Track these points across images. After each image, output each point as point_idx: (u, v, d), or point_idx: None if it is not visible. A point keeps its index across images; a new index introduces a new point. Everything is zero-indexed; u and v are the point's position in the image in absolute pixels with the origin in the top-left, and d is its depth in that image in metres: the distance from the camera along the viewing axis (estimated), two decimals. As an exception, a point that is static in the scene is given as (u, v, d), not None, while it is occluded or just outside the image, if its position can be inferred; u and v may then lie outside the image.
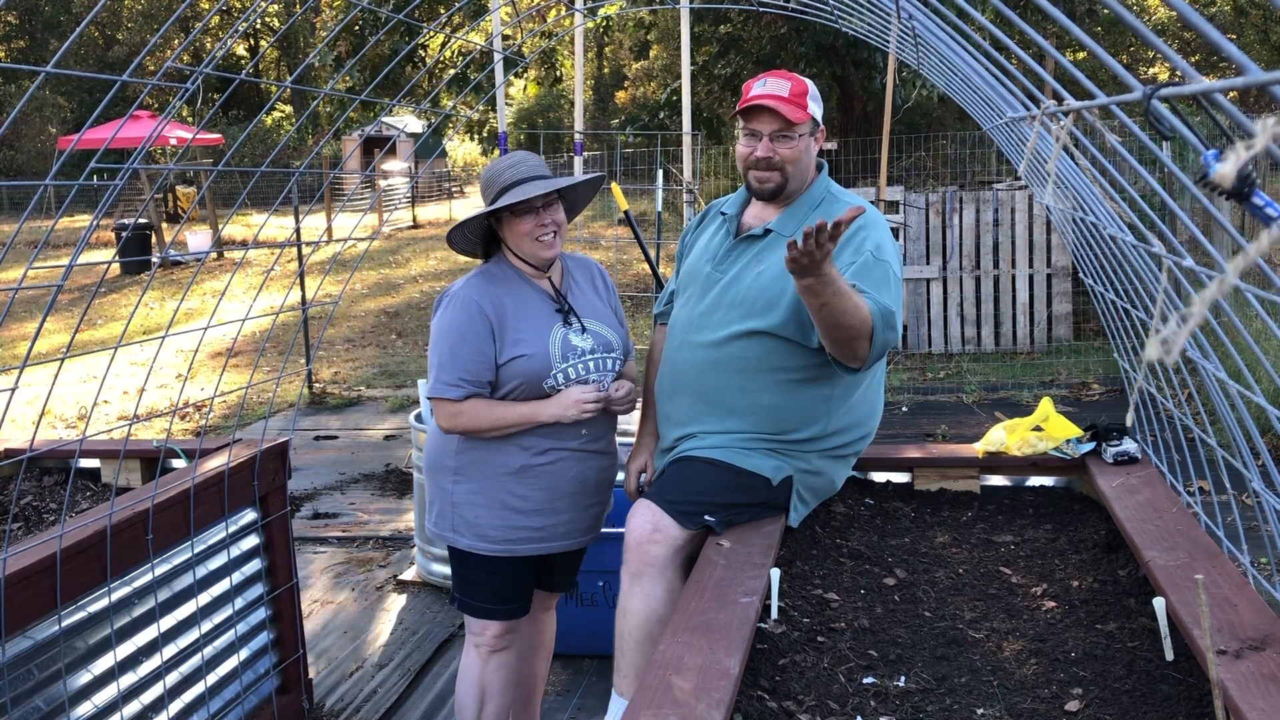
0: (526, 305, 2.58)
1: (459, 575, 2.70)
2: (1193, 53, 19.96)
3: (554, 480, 2.59)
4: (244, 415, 7.29)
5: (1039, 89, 6.92)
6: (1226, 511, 3.71)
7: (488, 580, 2.64)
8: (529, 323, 2.55)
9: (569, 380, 2.57)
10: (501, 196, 2.50)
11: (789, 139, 2.46)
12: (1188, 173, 6.15)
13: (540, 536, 2.62)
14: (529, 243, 2.55)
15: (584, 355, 2.59)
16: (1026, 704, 1.82)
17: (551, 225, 2.55)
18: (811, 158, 2.54)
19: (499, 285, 2.59)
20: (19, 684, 2.27)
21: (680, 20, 6.31)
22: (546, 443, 2.57)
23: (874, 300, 2.26)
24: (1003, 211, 8.59)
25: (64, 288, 1.89)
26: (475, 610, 2.69)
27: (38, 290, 12.61)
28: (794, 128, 2.45)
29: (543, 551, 2.65)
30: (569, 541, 2.68)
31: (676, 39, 8.80)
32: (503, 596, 2.67)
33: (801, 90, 2.47)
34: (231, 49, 31.38)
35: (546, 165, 2.60)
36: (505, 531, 2.59)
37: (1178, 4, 0.92)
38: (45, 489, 3.19)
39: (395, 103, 3.54)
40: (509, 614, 2.69)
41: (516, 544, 2.60)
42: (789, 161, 2.48)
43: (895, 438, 6.16)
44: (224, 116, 29.18)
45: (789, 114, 2.43)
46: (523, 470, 2.57)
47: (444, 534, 2.67)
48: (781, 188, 2.52)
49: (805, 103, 2.47)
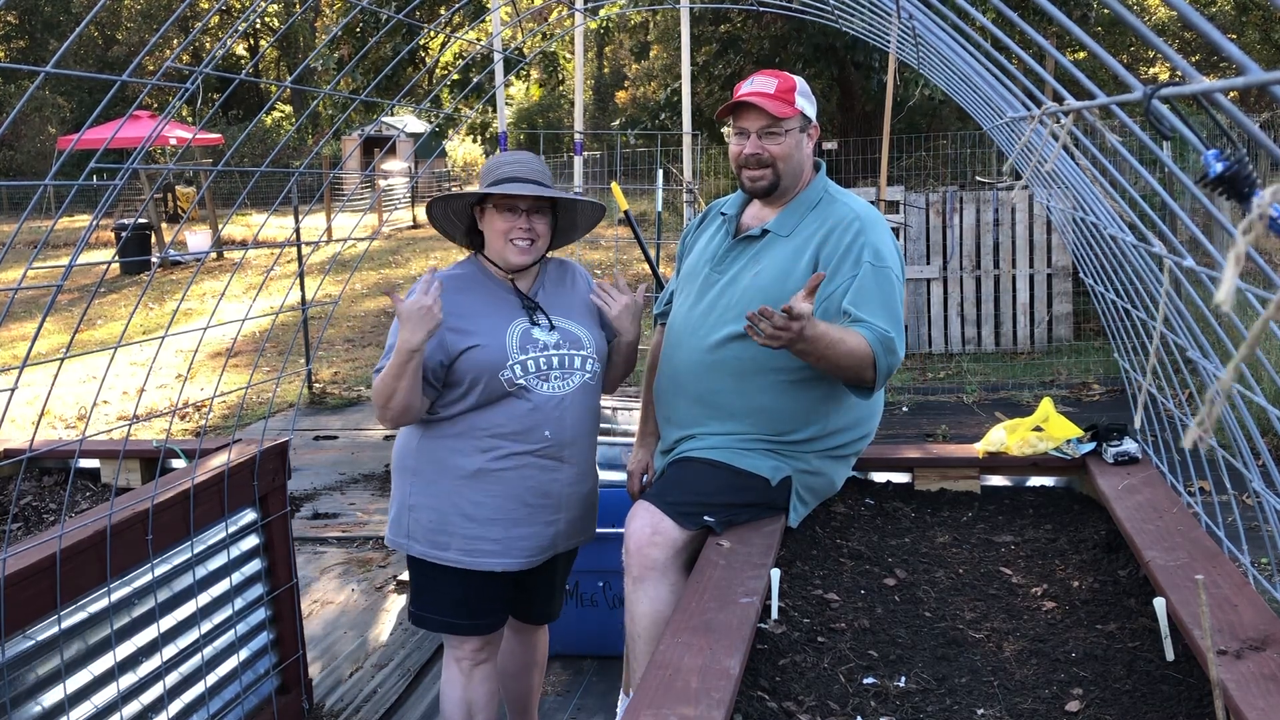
0: (488, 301, 2.50)
1: (414, 585, 2.57)
2: (1193, 52, 19.95)
3: (511, 487, 2.46)
4: (244, 415, 7.29)
5: (1039, 89, 6.92)
6: (1227, 512, 3.71)
7: (448, 592, 2.51)
8: (486, 317, 2.47)
9: (528, 373, 2.44)
10: (492, 187, 2.44)
11: (776, 135, 2.45)
12: (1188, 173, 6.15)
13: (496, 550, 2.47)
14: (502, 242, 2.47)
15: (546, 349, 2.47)
16: (1027, 704, 1.81)
17: (530, 232, 2.46)
18: (803, 154, 2.52)
19: (462, 282, 2.52)
20: (19, 684, 2.27)
21: (680, 20, 6.31)
22: (506, 445, 2.44)
23: (870, 329, 2.27)
24: (1003, 211, 8.59)
25: (64, 288, 1.89)
26: (433, 624, 2.56)
27: (37, 290, 12.60)
28: (781, 123, 2.44)
29: (498, 568, 2.48)
30: (529, 559, 2.51)
31: (676, 39, 8.80)
32: (462, 611, 2.51)
33: (789, 86, 2.46)
34: (231, 49, 31.37)
35: (550, 174, 2.53)
36: (461, 541, 2.45)
37: (1178, 4, 0.92)
38: (45, 489, 3.19)
39: (395, 103, 3.54)
40: (472, 630, 2.55)
41: (472, 555, 2.46)
42: (779, 158, 2.47)
43: (895, 438, 6.16)
44: (224, 116, 29.18)
45: (773, 109, 2.42)
46: (479, 474, 2.44)
47: (397, 540, 2.54)
48: (774, 185, 2.50)
49: (792, 98, 2.45)
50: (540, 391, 2.46)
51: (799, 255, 2.44)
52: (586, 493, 2.62)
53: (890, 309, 2.36)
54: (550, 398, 2.47)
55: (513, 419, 2.45)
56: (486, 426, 2.45)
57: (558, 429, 2.48)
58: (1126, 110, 1.37)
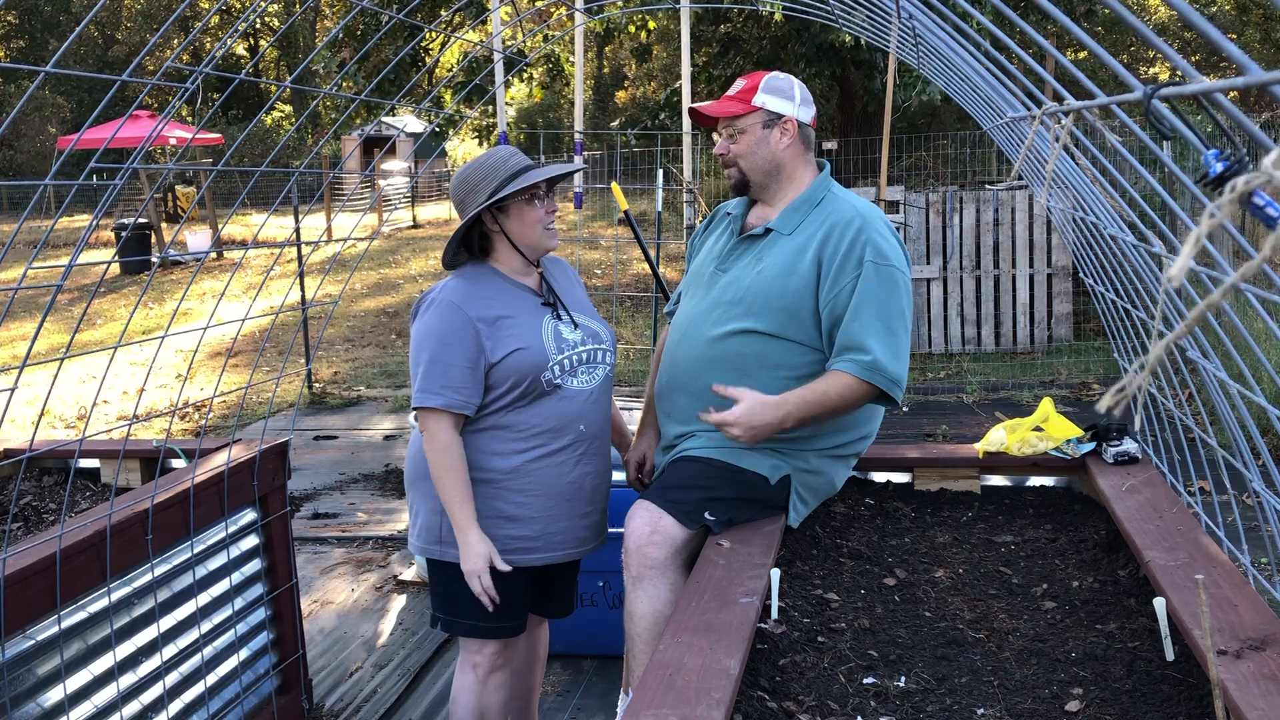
0: (514, 301, 2.48)
1: (444, 592, 2.54)
2: (1193, 52, 19.95)
3: (549, 484, 2.47)
4: (244, 415, 7.29)
5: (1039, 89, 6.92)
6: (1227, 511, 3.71)
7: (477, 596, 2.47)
8: (519, 317, 2.45)
9: (564, 371, 2.46)
10: (513, 182, 2.39)
11: (733, 135, 2.53)
12: (1188, 173, 6.14)
13: (536, 546, 2.49)
14: (538, 231, 2.46)
15: (575, 347, 2.50)
16: (1027, 704, 1.81)
17: (556, 213, 2.52)
18: (772, 149, 2.52)
19: (481, 285, 2.47)
20: (19, 684, 2.27)
21: (680, 21, 6.31)
22: (544, 441, 2.45)
23: (853, 363, 2.35)
24: (1003, 211, 8.59)
25: (64, 288, 1.89)
26: (464, 629, 2.54)
27: (37, 290, 12.59)
28: (733, 122, 2.52)
29: (538, 562, 2.51)
30: (565, 552, 2.55)
31: (676, 39, 8.80)
32: (494, 614, 2.48)
33: (751, 86, 2.52)
34: (231, 49, 31.37)
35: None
36: (501, 541, 2.44)
37: (1178, 4, 0.92)
38: (45, 489, 3.19)
39: (395, 103, 3.54)
40: (501, 633, 2.54)
41: (511, 554, 2.46)
42: (739, 156, 2.54)
43: (895, 438, 6.16)
44: (224, 116, 29.19)
45: (713, 109, 2.53)
46: (518, 472, 2.44)
47: (429, 547, 2.51)
48: (743, 182, 2.57)
49: (749, 97, 2.51)
50: (571, 387, 2.49)
51: (801, 253, 2.45)
52: (609, 485, 2.66)
53: (887, 316, 2.37)
54: (581, 391, 2.51)
55: (550, 416, 2.47)
56: (524, 425, 2.45)
57: (590, 422, 2.53)
58: (1127, 110, 1.37)
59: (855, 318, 2.37)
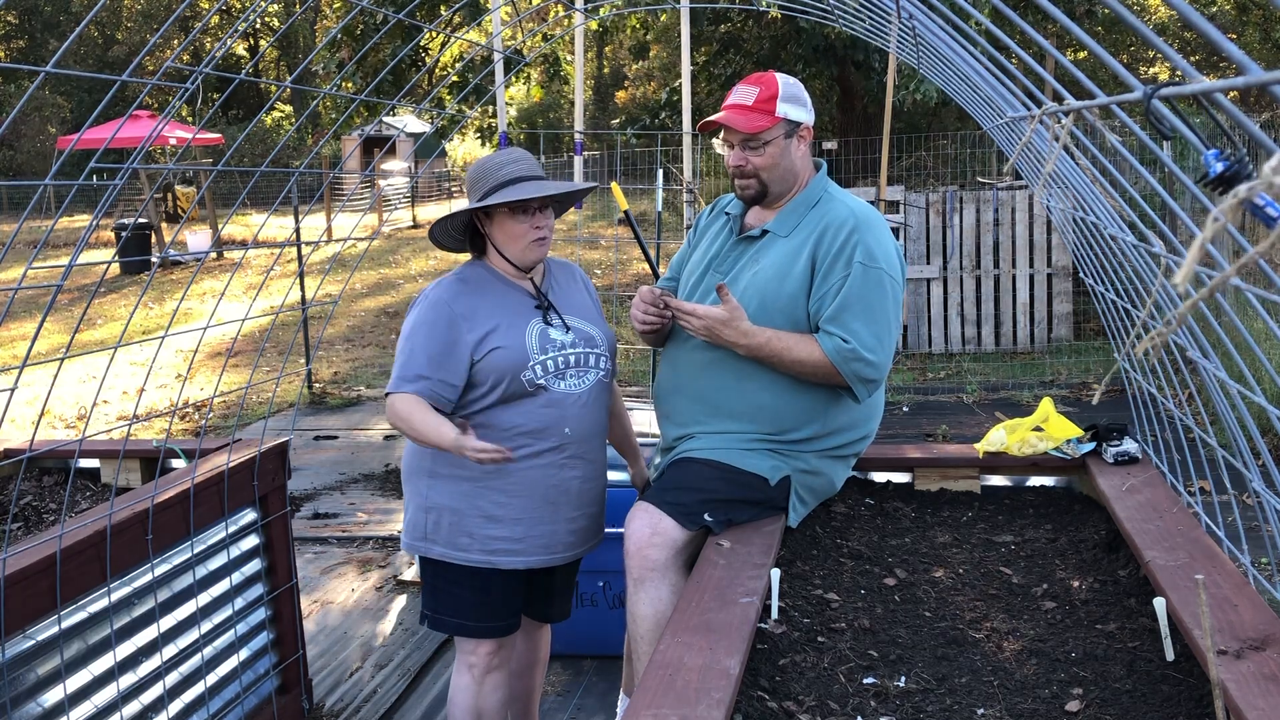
0: (503, 303, 2.48)
1: (431, 589, 2.55)
2: (1193, 52, 19.95)
3: (534, 485, 2.46)
4: (244, 415, 7.29)
5: (1039, 88, 6.92)
6: (1227, 511, 3.71)
7: (466, 594, 2.50)
8: (504, 318, 2.45)
9: (547, 373, 2.45)
10: (496, 193, 2.40)
11: (756, 148, 2.46)
12: (1188, 173, 6.14)
13: (518, 549, 2.48)
14: (521, 245, 2.46)
15: (563, 348, 2.48)
16: (1027, 704, 1.81)
17: (545, 228, 2.47)
18: (792, 159, 2.50)
19: (473, 286, 2.49)
20: (19, 684, 2.27)
21: (680, 20, 6.31)
22: (527, 443, 2.44)
23: (830, 339, 2.35)
24: (1003, 211, 8.59)
25: (64, 288, 1.89)
26: (452, 628, 2.55)
27: (37, 290, 12.60)
28: (758, 136, 2.44)
29: (520, 565, 2.50)
30: (549, 556, 2.53)
31: (676, 39, 8.80)
32: (482, 613, 2.51)
33: (770, 94, 2.45)
34: (231, 49, 31.37)
35: (540, 166, 2.52)
36: (483, 541, 2.46)
37: (1178, 4, 0.92)
38: (45, 489, 3.19)
39: (395, 103, 3.54)
40: (489, 632, 2.54)
41: (495, 555, 2.47)
42: (761, 169, 2.48)
43: (895, 438, 6.16)
44: (224, 116, 29.20)
45: (743, 125, 2.43)
46: (500, 473, 2.43)
47: (415, 543, 2.52)
48: (761, 194, 2.51)
49: (771, 107, 2.44)
50: (558, 389, 2.47)
51: (797, 255, 2.45)
52: (602, 490, 2.64)
53: (872, 316, 2.37)
54: (569, 394, 2.49)
55: (533, 417, 2.45)
56: (507, 425, 2.45)
57: (577, 425, 2.50)
58: (1127, 110, 1.37)
59: (841, 313, 2.36)
